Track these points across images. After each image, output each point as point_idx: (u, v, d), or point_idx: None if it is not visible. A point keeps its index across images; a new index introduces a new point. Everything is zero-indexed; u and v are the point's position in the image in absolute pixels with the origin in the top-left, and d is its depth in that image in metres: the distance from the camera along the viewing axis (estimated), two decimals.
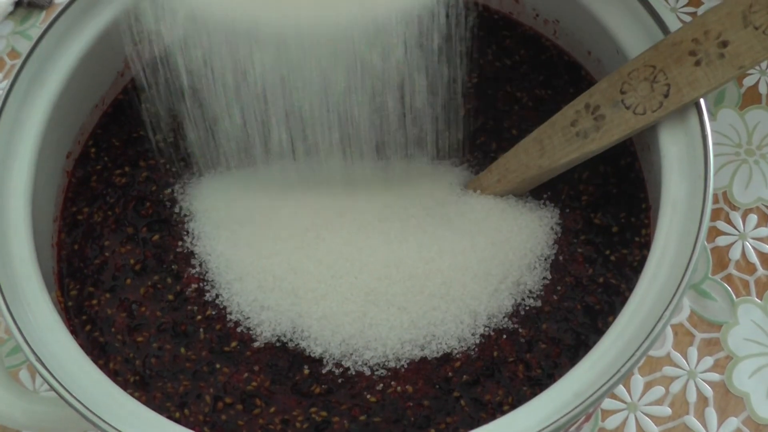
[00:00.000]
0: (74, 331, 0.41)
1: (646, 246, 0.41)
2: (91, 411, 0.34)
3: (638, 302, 0.35)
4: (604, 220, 0.43)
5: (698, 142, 0.38)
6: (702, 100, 0.38)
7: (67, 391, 0.35)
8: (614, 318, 0.35)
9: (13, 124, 0.41)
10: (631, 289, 0.36)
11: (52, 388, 0.35)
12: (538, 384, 0.39)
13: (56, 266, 0.43)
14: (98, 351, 0.41)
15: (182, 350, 0.40)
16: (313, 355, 0.40)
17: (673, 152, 0.38)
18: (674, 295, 0.34)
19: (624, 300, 0.36)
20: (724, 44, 0.37)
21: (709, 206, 0.36)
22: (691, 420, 0.47)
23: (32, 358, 0.35)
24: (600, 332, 0.36)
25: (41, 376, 0.35)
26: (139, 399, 0.36)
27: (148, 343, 0.41)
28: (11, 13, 0.64)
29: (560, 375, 0.35)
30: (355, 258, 0.41)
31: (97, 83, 0.47)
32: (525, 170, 0.42)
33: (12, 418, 0.39)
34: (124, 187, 0.45)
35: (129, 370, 0.40)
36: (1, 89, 0.42)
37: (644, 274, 0.36)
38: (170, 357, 0.40)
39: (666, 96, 0.38)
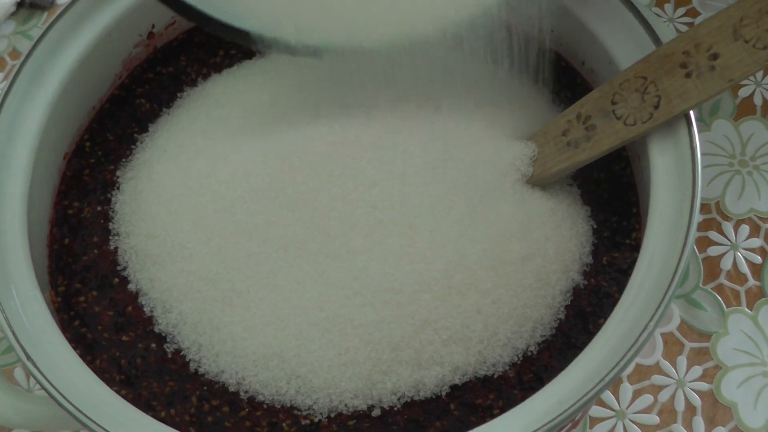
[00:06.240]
0: (63, 327, 0.41)
1: (636, 249, 0.41)
2: (81, 411, 0.34)
3: (623, 313, 0.35)
4: (596, 225, 0.43)
5: (687, 153, 0.38)
6: (692, 112, 0.39)
7: (57, 390, 0.35)
8: (605, 321, 0.36)
9: (11, 125, 0.42)
10: (621, 292, 0.36)
11: (44, 388, 0.35)
12: (530, 388, 0.39)
13: (48, 264, 0.43)
14: (85, 347, 0.41)
15: (168, 352, 0.40)
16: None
17: (662, 163, 0.38)
18: (657, 308, 0.35)
19: (615, 303, 0.36)
20: (715, 57, 0.37)
21: (696, 218, 0.36)
22: (679, 429, 0.47)
23: (23, 357, 0.36)
24: (591, 334, 0.36)
25: (32, 375, 0.36)
26: (125, 397, 0.36)
27: (134, 344, 0.41)
28: (13, 14, 0.64)
29: (550, 379, 0.35)
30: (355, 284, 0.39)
31: (95, 86, 0.47)
32: None
33: (5, 416, 0.39)
34: (115, 183, 0.45)
35: (115, 368, 0.40)
36: (1, 89, 0.42)
37: (630, 286, 0.36)
38: (156, 358, 0.40)
39: (656, 107, 0.39)
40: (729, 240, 0.52)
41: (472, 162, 0.42)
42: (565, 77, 0.47)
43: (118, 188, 0.45)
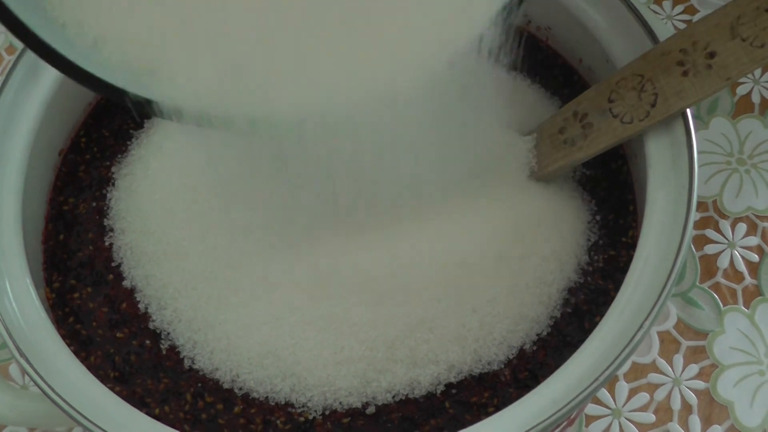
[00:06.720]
0: (57, 323, 0.41)
1: (632, 247, 0.41)
2: (74, 409, 0.34)
3: (619, 311, 0.35)
4: (593, 223, 0.43)
5: (684, 152, 0.38)
6: (689, 110, 0.38)
7: (51, 388, 0.35)
8: (600, 318, 0.36)
9: (6, 121, 0.42)
10: (617, 290, 0.36)
11: (37, 385, 0.35)
12: (525, 386, 0.39)
13: (43, 261, 0.43)
14: (80, 344, 0.41)
15: (162, 349, 0.40)
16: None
17: (659, 162, 0.38)
18: (653, 306, 0.35)
19: (611, 301, 0.36)
20: (712, 55, 0.37)
21: (693, 216, 0.36)
22: (675, 427, 0.47)
23: (16, 354, 0.36)
24: (587, 332, 0.36)
25: (26, 372, 0.35)
26: (119, 393, 0.36)
27: (128, 340, 0.41)
28: None
29: (546, 377, 0.35)
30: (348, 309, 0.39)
31: None
32: None
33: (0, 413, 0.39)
34: (110, 179, 0.45)
35: (109, 365, 0.40)
36: None
37: (626, 284, 0.36)
38: (150, 355, 0.40)
39: (653, 105, 0.39)
40: (726, 238, 0.52)
41: (468, 161, 0.41)
42: (562, 75, 0.47)
43: (114, 184, 0.45)
